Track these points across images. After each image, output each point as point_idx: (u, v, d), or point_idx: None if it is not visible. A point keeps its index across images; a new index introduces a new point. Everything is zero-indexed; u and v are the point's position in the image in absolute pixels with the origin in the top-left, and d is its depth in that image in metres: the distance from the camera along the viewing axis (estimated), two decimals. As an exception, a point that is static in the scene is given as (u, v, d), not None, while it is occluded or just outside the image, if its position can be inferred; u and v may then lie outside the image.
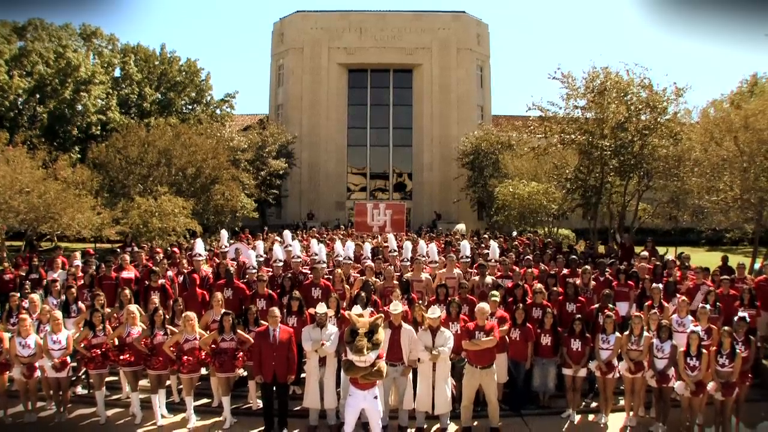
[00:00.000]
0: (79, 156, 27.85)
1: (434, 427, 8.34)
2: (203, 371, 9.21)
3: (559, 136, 19.02)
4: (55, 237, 16.44)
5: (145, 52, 37.12)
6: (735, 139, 15.63)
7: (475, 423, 8.34)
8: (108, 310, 9.45)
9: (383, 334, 7.06)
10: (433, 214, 39.83)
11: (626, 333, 8.49)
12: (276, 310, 8.20)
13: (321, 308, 8.11)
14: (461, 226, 11.24)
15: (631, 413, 8.56)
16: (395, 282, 10.16)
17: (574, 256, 12.29)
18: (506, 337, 8.73)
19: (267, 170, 32.58)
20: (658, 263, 11.63)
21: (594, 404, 9.07)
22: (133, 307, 8.81)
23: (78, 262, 12.27)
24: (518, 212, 23.25)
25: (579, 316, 8.84)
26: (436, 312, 8.06)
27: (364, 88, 42.61)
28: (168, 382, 9.07)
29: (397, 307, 8.04)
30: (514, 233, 22.76)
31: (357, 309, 7.70)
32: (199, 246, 11.56)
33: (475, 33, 43.22)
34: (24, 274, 12.12)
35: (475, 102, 42.80)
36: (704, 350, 7.94)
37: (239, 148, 30.10)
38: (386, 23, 41.66)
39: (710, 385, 7.94)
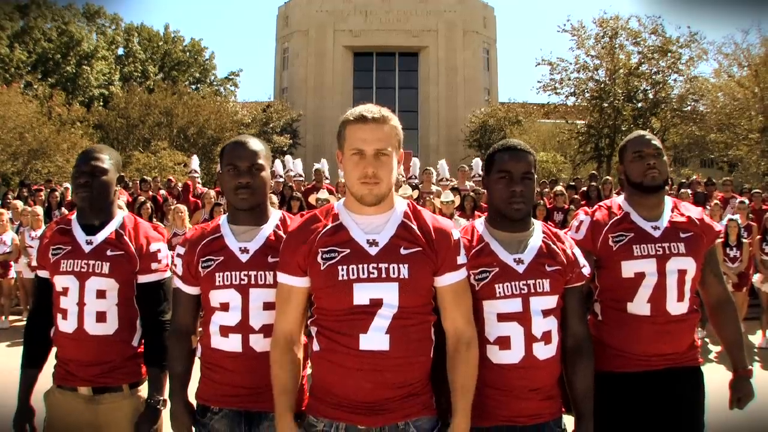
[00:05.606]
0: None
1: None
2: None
3: (569, 88, 18.41)
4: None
5: (149, 32, 36.63)
6: (756, 72, 14.82)
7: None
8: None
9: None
10: (439, 197, 39.13)
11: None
12: (273, 197, 7.52)
13: (323, 194, 7.44)
14: None
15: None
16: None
17: (593, 172, 11.58)
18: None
19: (271, 146, 31.88)
20: (683, 180, 10.88)
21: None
22: (121, 201, 8.12)
23: (67, 184, 11.61)
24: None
25: (605, 211, 8.10)
26: (449, 196, 7.32)
27: (369, 71, 41.96)
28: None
29: (406, 191, 7.33)
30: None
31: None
32: (195, 163, 10.92)
33: (482, 16, 42.64)
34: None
35: (482, 84, 42.09)
36: (745, 239, 7.22)
37: (243, 123, 29.40)
38: (391, 6, 41.02)
39: (756, 277, 7.19)
